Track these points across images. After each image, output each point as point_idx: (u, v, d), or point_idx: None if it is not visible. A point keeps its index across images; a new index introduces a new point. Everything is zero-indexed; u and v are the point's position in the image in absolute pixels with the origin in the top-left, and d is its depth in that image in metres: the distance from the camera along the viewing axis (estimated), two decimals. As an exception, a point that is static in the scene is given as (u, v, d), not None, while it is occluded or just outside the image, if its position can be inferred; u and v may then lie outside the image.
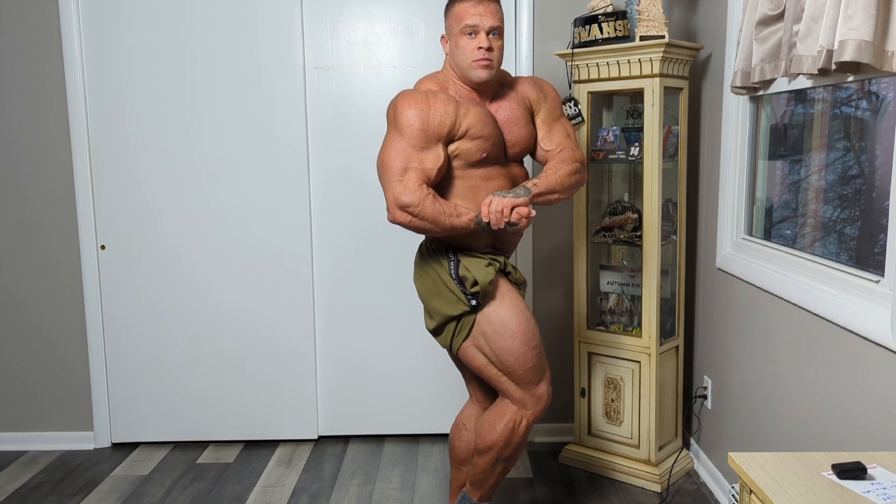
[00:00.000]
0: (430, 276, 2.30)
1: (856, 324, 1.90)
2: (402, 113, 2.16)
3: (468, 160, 2.22)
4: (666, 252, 3.08)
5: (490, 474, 2.37)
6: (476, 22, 2.17)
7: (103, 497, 3.00)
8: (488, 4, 2.20)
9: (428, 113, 2.16)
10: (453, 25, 2.22)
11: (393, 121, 2.18)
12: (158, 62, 3.27)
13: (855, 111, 2.23)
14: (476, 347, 2.28)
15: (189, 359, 3.44)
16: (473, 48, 2.19)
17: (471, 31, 2.18)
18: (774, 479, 1.37)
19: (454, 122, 2.18)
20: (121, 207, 3.36)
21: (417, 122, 2.14)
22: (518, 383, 2.29)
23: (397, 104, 2.19)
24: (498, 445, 2.31)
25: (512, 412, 2.30)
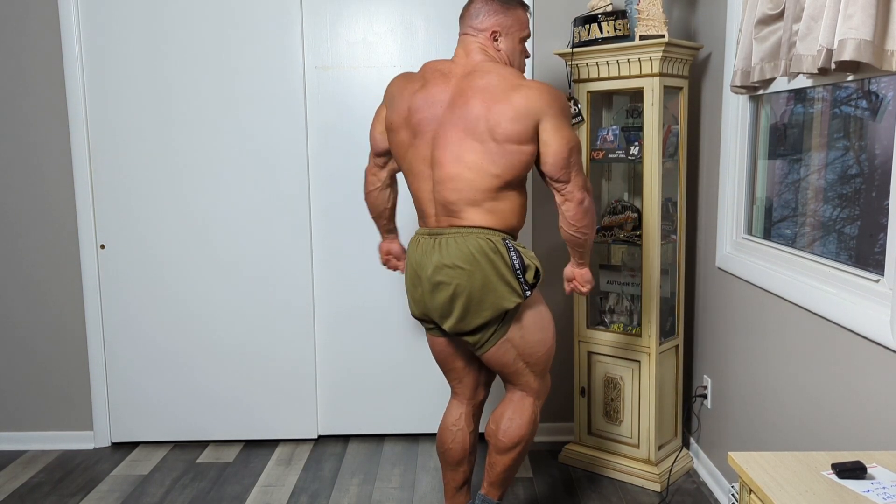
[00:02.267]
0: (482, 270, 2.19)
1: (855, 323, 1.90)
2: (560, 95, 2.19)
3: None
4: (666, 251, 3.08)
5: (515, 470, 2.44)
6: (529, 35, 2.33)
7: (103, 497, 3.00)
8: None
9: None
10: (516, 29, 2.27)
11: (563, 109, 2.18)
12: (157, 61, 3.27)
13: (854, 110, 2.23)
14: (510, 342, 2.28)
15: (189, 358, 3.44)
16: (525, 56, 2.34)
17: (527, 40, 2.32)
18: (774, 479, 1.37)
19: None
20: (121, 207, 3.36)
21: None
22: (538, 374, 2.37)
23: (558, 93, 2.18)
24: (524, 439, 2.38)
25: (530, 404, 2.38)
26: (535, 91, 2.14)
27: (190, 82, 3.28)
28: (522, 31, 2.28)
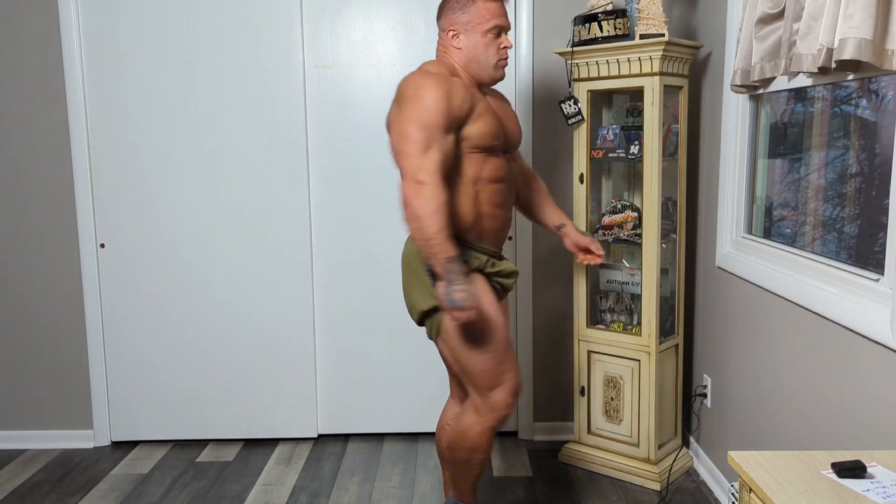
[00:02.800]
0: (411, 267, 2.26)
1: (855, 322, 1.90)
2: (427, 91, 2.09)
3: (480, 145, 2.20)
4: (665, 250, 3.08)
5: (457, 472, 2.38)
6: (503, 23, 2.24)
7: (103, 495, 3.00)
8: (505, 5, 2.30)
9: (451, 96, 2.13)
10: (476, 22, 2.22)
11: (413, 97, 2.10)
12: (157, 60, 3.27)
13: (854, 110, 2.23)
14: (443, 342, 2.28)
15: (189, 357, 3.44)
16: (498, 48, 2.25)
17: (498, 30, 2.24)
18: (774, 478, 1.37)
19: (471, 106, 2.19)
20: (120, 206, 3.35)
21: (442, 103, 2.09)
22: (474, 388, 2.26)
23: (421, 83, 2.12)
24: (451, 445, 2.34)
25: (467, 415, 2.30)
26: (403, 78, 2.19)
27: (189, 81, 3.28)
28: (486, 23, 2.22)
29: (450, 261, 2.04)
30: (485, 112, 2.22)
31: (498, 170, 2.28)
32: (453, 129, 2.15)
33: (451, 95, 2.13)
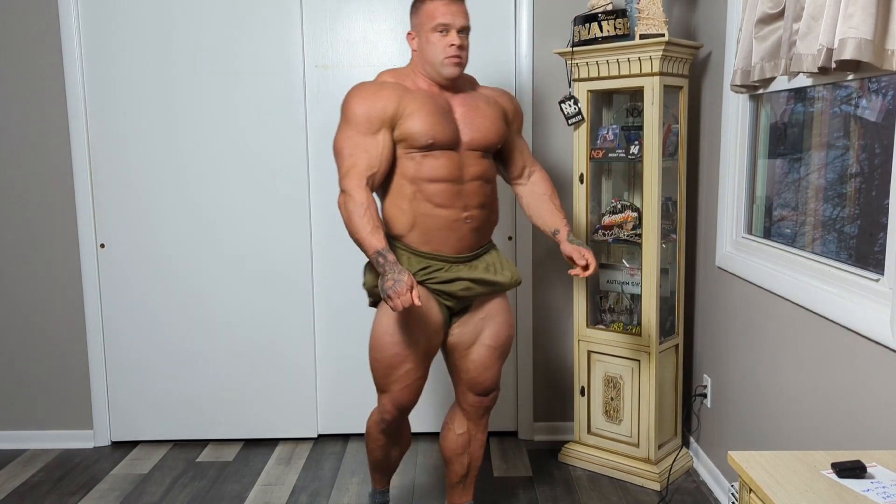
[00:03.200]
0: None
1: (855, 322, 1.90)
2: (349, 102, 2.26)
3: (414, 144, 2.25)
4: (665, 251, 3.08)
5: (370, 458, 2.59)
6: (449, 21, 2.24)
7: (103, 495, 3.00)
8: (459, 4, 2.28)
9: (373, 101, 2.24)
10: (424, 23, 2.27)
11: (343, 111, 2.28)
12: (157, 61, 3.27)
13: (854, 110, 2.23)
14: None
15: (189, 357, 3.44)
16: (445, 45, 2.25)
17: (443, 28, 2.25)
18: (774, 478, 1.37)
19: (397, 107, 2.25)
20: (120, 206, 3.35)
21: (361, 109, 2.24)
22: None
23: (348, 94, 2.29)
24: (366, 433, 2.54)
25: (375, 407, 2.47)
26: None
27: (190, 81, 3.28)
28: (430, 21, 2.25)
29: (377, 254, 2.16)
30: (417, 111, 2.24)
31: (438, 169, 2.26)
32: (381, 131, 2.25)
33: (372, 101, 2.24)
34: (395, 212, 2.31)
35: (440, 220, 2.28)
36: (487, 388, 2.44)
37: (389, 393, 2.34)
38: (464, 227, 2.31)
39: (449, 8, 2.25)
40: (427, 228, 2.28)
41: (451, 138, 2.28)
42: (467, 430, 2.50)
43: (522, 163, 2.54)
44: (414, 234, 2.30)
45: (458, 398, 2.50)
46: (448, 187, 2.27)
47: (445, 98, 2.32)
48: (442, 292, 2.32)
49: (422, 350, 2.31)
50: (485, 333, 2.40)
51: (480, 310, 2.40)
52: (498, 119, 2.39)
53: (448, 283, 2.32)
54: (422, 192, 2.27)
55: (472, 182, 2.31)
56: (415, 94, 2.28)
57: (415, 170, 2.26)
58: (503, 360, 2.47)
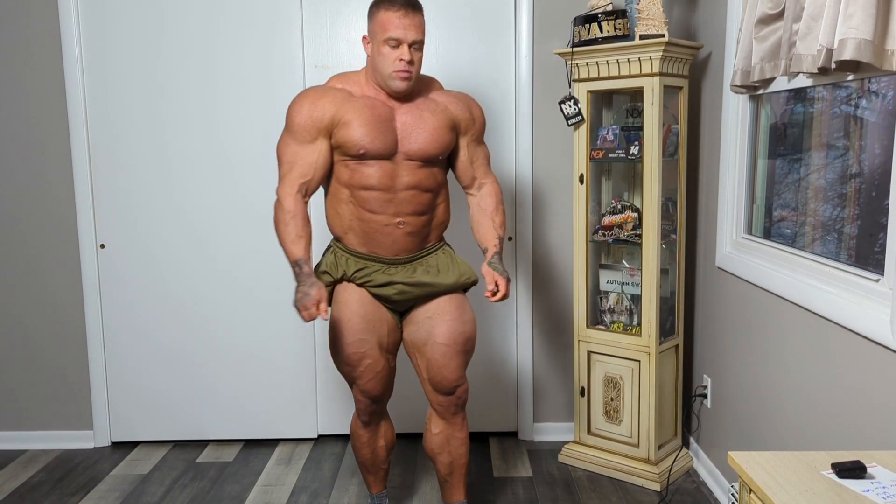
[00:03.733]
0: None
1: (855, 323, 1.90)
2: (291, 109, 2.31)
3: (347, 152, 2.28)
4: (665, 251, 3.08)
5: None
6: (400, 35, 2.21)
7: (103, 496, 3.00)
8: (413, 17, 2.23)
9: (312, 108, 2.28)
10: (377, 32, 2.24)
11: (287, 115, 2.32)
12: (157, 61, 3.27)
13: (854, 110, 2.23)
14: None
15: (189, 357, 3.44)
16: (395, 59, 2.23)
17: (394, 43, 2.22)
18: (774, 478, 1.37)
19: (334, 115, 2.27)
20: (120, 206, 3.35)
21: (298, 117, 2.28)
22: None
23: (292, 101, 2.33)
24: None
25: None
26: None
27: (189, 82, 3.28)
28: (383, 33, 2.22)
29: (295, 263, 2.25)
30: (353, 120, 2.25)
31: (370, 177, 2.29)
32: (318, 139, 2.29)
33: (310, 109, 2.28)
34: (333, 214, 2.39)
35: (373, 225, 2.33)
36: (448, 386, 2.42)
37: (357, 385, 2.42)
38: (396, 231, 2.34)
39: (402, 21, 2.21)
40: (362, 232, 2.35)
41: (386, 148, 2.28)
42: (443, 429, 2.49)
43: (472, 174, 2.50)
44: (351, 236, 2.37)
45: (428, 398, 2.50)
46: (380, 195, 2.31)
47: (389, 106, 2.32)
48: (378, 296, 2.39)
49: (376, 345, 2.37)
50: (437, 331, 2.39)
51: (424, 308, 2.42)
52: (442, 129, 2.36)
53: (383, 286, 2.37)
54: (355, 198, 2.32)
55: (405, 191, 2.33)
56: (356, 101, 2.29)
57: (348, 176, 2.31)
58: (464, 357, 2.43)
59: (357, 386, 2.42)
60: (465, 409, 2.52)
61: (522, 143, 3.30)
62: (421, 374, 2.46)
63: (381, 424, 2.56)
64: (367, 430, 2.53)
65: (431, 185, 2.37)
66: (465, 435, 2.52)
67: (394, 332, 2.44)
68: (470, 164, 2.49)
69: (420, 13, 2.26)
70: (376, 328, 2.37)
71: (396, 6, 2.21)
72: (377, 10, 2.25)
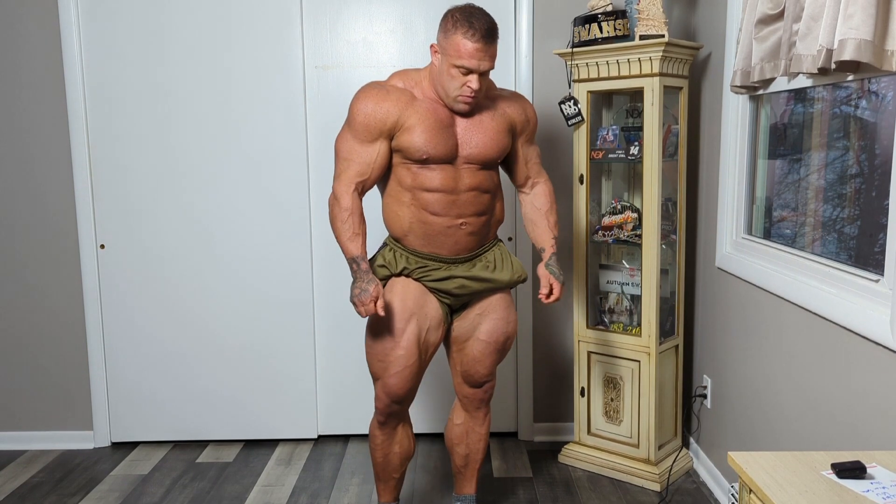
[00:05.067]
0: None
1: (855, 323, 1.90)
2: (354, 105, 2.29)
3: (410, 157, 2.29)
4: (665, 251, 3.08)
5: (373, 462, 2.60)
6: (474, 66, 2.19)
7: (103, 496, 3.00)
8: (490, 48, 2.20)
9: (375, 108, 2.26)
10: (450, 53, 2.20)
11: (349, 110, 2.31)
12: (157, 61, 3.27)
13: (854, 110, 2.23)
14: None
15: (189, 358, 3.44)
16: (463, 84, 2.23)
17: (466, 71, 2.20)
18: (774, 479, 1.37)
19: (398, 118, 2.26)
20: (120, 206, 3.35)
21: (361, 116, 2.27)
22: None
23: (357, 95, 2.31)
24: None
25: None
26: None
27: (190, 82, 3.28)
28: (456, 59, 2.18)
29: (353, 260, 2.29)
30: (417, 125, 2.25)
31: (433, 180, 2.30)
32: (379, 140, 2.28)
33: (374, 108, 2.26)
34: (393, 216, 2.37)
35: (435, 227, 2.33)
36: (479, 380, 2.50)
37: (382, 380, 2.40)
38: (459, 232, 2.35)
39: (479, 52, 2.17)
40: (423, 233, 2.34)
41: (448, 153, 2.30)
42: (464, 421, 2.58)
43: (526, 173, 2.54)
44: (411, 237, 2.36)
45: (455, 390, 2.58)
46: (443, 197, 2.31)
47: (449, 113, 2.32)
48: (438, 290, 2.39)
49: (414, 337, 2.36)
50: (481, 328, 2.45)
51: (478, 305, 2.46)
52: (501, 134, 2.38)
53: (443, 280, 2.38)
54: (417, 200, 2.32)
55: (467, 192, 2.34)
56: (419, 104, 2.29)
57: (411, 179, 2.31)
58: (499, 355, 2.51)
59: (382, 380, 2.40)
60: (489, 406, 2.59)
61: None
62: (454, 367, 2.52)
63: (398, 429, 2.52)
64: (383, 432, 2.50)
65: (490, 186, 2.40)
66: (486, 431, 2.59)
67: (437, 329, 2.42)
68: (525, 163, 2.52)
69: (496, 41, 2.22)
70: (419, 322, 2.37)
71: (476, 37, 2.16)
72: (455, 31, 2.18)
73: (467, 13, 2.19)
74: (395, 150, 2.30)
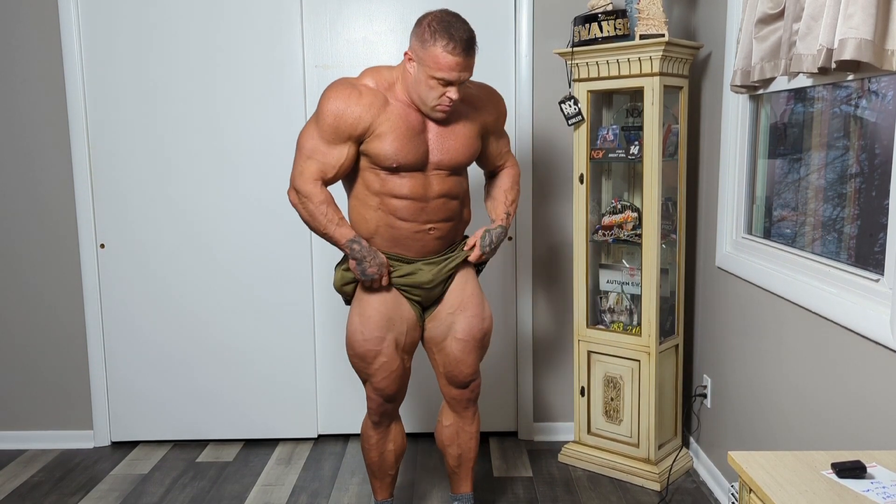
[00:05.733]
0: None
1: (855, 322, 1.90)
2: (324, 102, 2.23)
3: (380, 164, 2.25)
4: (665, 251, 3.08)
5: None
6: (454, 79, 2.15)
7: (103, 496, 3.00)
8: (469, 59, 2.16)
9: (346, 110, 2.21)
10: (427, 63, 2.14)
11: (318, 105, 2.25)
12: (157, 60, 3.27)
13: (854, 110, 2.23)
14: None
15: (189, 357, 3.44)
16: (440, 94, 2.19)
17: (445, 83, 2.16)
18: (774, 478, 1.37)
19: (370, 124, 2.22)
20: (120, 206, 3.35)
21: (331, 117, 2.21)
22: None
23: (326, 91, 2.25)
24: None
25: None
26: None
27: (189, 82, 3.28)
28: (434, 71, 2.13)
29: (351, 241, 2.28)
30: (388, 132, 2.21)
31: (402, 187, 2.27)
32: (347, 142, 2.24)
33: (344, 109, 2.21)
34: (359, 218, 2.36)
35: (403, 232, 2.33)
36: (463, 380, 2.50)
37: (371, 382, 2.42)
38: (426, 237, 2.36)
39: (458, 64, 2.13)
40: (390, 236, 2.34)
41: (418, 161, 2.28)
42: (454, 422, 2.57)
43: (496, 163, 2.56)
44: (377, 239, 2.36)
45: (442, 392, 2.57)
46: (411, 204, 2.30)
47: (421, 118, 2.28)
48: (407, 286, 2.39)
49: (393, 343, 2.37)
50: (456, 327, 2.45)
51: (449, 303, 2.45)
52: (472, 139, 2.36)
53: (409, 275, 2.38)
54: (385, 206, 2.31)
55: (436, 199, 2.33)
56: (391, 110, 2.23)
57: (379, 185, 2.29)
58: (480, 352, 2.50)
59: (371, 383, 2.42)
60: (476, 404, 2.58)
61: (522, 143, 3.30)
62: (437, 369, 2.51)
63: (391, 427, 2.54)
64: (377, 432, 2.52)
65: (459, 192, 2.40)
66: (476, 429, 2.59)
67: (413, 330, 2.43)
68: (497, 155, 2.53)
69: (475, 52, 2.17)
70: (395, 326, 2.38)
71: (456, 51, 2.11)
72: (433, 43, 2.12)
73: (446, 23, 2.12)
74: (363, 154, 2.27)
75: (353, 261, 2.29)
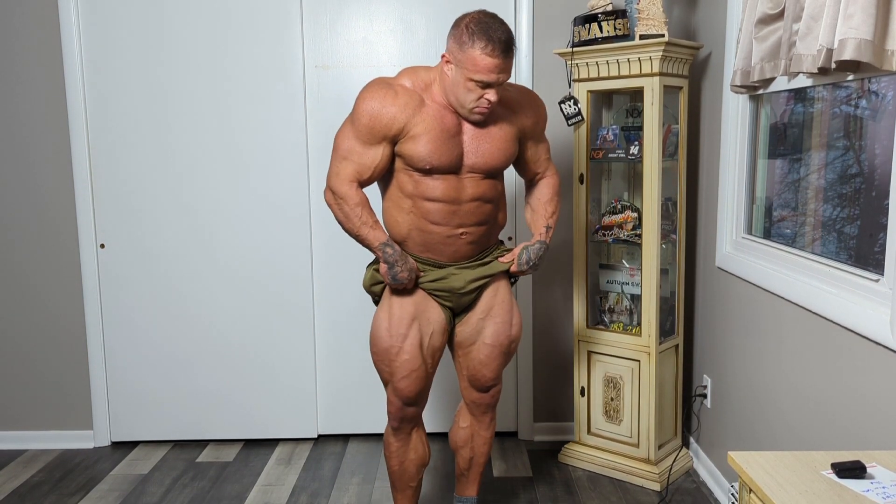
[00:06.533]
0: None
1: (855, 323, 1.90)
2: (360, 102, 2.22)
3: (414, 165, 2.24)
4: (665, 251, 3.08)
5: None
6: (493, 81, 2.14)
7: (103, 496, 3.00)
8: (508, 61, 2.14)
9: (381, 110, 2.19)
10: (465, 66, 2.12)
11: (354, 105, 2.25)
12: (157, 61, 3.27)
13: (854, 110, 2.23)
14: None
15: (189, 357, 3.44)
16: (479, 96, 2.17)
17: (484, 84, 2.15)
18: (774, 478, 1.37)
19: (405, 125, 2.20)
20: (120, 206, 3.35)
21: (366, 117, 2.20)
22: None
23: (362, 91, 2.24)
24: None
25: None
26: None
27: (189, 82, 3.28)
28: (472, 73, 2.12)
29: (383, 245, 2.27)
30: (423, 134, 2.20)
31: (435, 190, 2.26)
32: (382, 144, 2.23)
33: (380, 109, 2.19)
34: (392, 221, 2.35)
35: (435, 236, 2.30)
36: (486, 384, 2.48)
37: (392, 384, 2.39)
38: (459, 241, 2.33)
39: (497, 66, 2.11)
40: (422, 241, 2.32)
41: (452, 163, 2.26)
42: (470, 425, 2.56)
43: (535, 170, 2.50)
44: (410, 243, 2.34)
45: (462, 394, 2.55)
46: (444, 207, 2.28)
47: (458, 120, 2.26)
48: (437, 290, 2.36)
49: (417, 343, 2.34)
50: (485, 332, 2.43)
51: (480, 309, 2.43)
52: (509, 143, 2.33)
53: (440, 280, 2.35)
54: (418, 208, 2.29)
55: (469, 203, 2.30)
56: (426, 111, 2.22)
57: (413, 187, 2.27)
58: (505, 358, 2.48)
59: (391, 384, 2.38)
60: (494, 410, 2.56)
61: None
62: (461, 371, 2.50)
63: (412, 435, 2.48)
64: (397, 439, 2.46)
65: (493, 195, 2.37)
66: (491, 435, 2.58)
67: (440, 335, 2.39)
68: (535, 161, 2.49)
69: (513, 54, 2.16)
70: (421, 327, 2.35)
71: (495, 53, 2.09)
72: (472, 45, 2.10)
73: (484, 25, 2.11)
74: (397, 156, 2.26)
75: (385, 264, 2.27)
